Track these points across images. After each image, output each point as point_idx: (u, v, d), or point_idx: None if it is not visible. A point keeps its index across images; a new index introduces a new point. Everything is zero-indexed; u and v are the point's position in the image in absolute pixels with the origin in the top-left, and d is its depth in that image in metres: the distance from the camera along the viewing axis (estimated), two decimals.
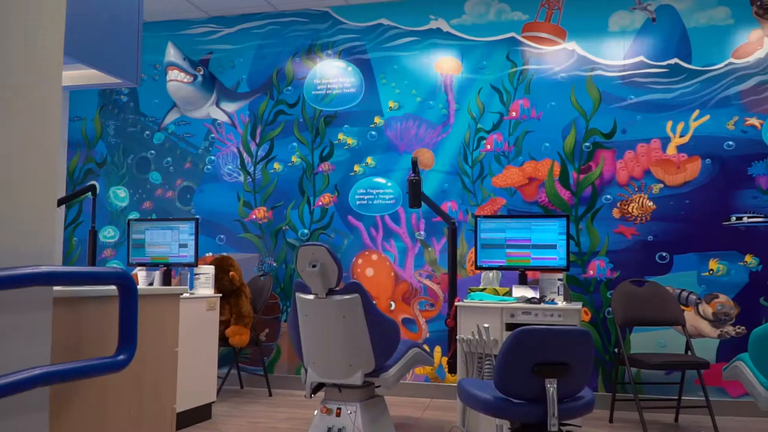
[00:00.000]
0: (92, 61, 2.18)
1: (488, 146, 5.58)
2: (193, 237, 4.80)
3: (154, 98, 6.49)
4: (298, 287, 3.79)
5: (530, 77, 5.53)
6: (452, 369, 4.20)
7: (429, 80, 5.77)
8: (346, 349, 3.67)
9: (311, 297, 3.69)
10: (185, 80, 6.32)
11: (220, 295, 4.89)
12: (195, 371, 4.49)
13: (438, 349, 5.53)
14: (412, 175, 4.43)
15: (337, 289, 3.66)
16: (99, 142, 6.60)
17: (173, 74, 6.34)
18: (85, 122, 6.67)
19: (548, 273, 4.35)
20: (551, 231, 4.46)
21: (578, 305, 4.09)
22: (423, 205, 5.57)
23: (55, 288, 1.80)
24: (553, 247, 4.45)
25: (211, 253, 6.07)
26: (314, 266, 3.57)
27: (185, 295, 4.56)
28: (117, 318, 1.98)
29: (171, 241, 4.83)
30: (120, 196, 6.49)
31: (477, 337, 3.96)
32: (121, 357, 1.68)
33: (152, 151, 6.43)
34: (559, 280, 4.27)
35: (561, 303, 4.12)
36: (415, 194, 4.39)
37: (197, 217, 4.93)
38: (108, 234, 6.47)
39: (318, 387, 3.89)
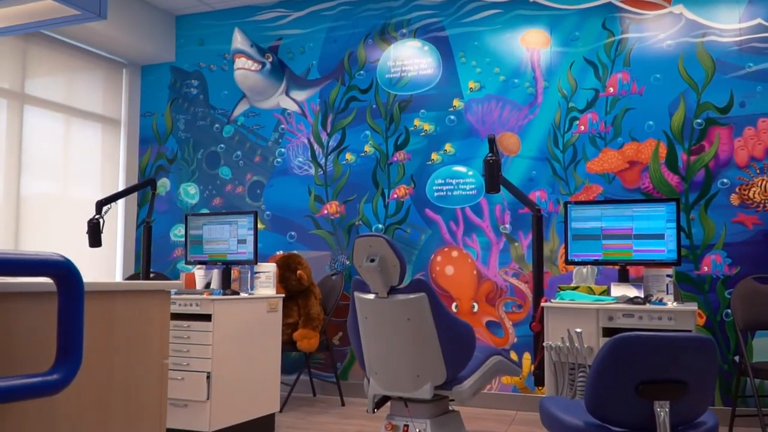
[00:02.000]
0: None
1: (582, 127, 4.95)
2: (252, 232, 4.39)
3: (224, 90, 6.18)
4: (357, 285, 3.31)
5: (630, 47, 4.86)
6: (539, 381, 3.61)
7: (513, 56, 5.18)
8: (412, 357, 3.16)
9: (371, 297, 3.20)
10: (253, 68, 5.98)
11: (282, 295, 4.46)
12: (255, 379, 4.09)
13: (527, 356, 4.93)
14: (490, 155, 3.85)
15: (400, 287, 3.15)
16: (170, 137, 6.36)
17: (240, 62, 6.02)
18: (156, 117, 6.45)
19: (654, 268, 3.69)
20: (658, 218, 3.79)
21: (693, 306, 3.43)
22: (509, 196, 5.00)
23: None
24: (661, 237, 3.78)
25: (281, 251, 5.68)
26: (372, 260, 3.08)
27: (243, 295, 4.17)
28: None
29: (229, 236, 4.44)
30: (190, 192, 6.23)
31: (567, 344, 3.37)
32: (56, 376, 1.22)
33: (222, 145, 6.12)
34: (668, 276, 3.62)
35: (671, 303, 3.48)
36: (492, 177, 3.82)
37: (255, 210, 4.52)
38: (179, 233, 6.21)
39: (383, 400, 3.40)
